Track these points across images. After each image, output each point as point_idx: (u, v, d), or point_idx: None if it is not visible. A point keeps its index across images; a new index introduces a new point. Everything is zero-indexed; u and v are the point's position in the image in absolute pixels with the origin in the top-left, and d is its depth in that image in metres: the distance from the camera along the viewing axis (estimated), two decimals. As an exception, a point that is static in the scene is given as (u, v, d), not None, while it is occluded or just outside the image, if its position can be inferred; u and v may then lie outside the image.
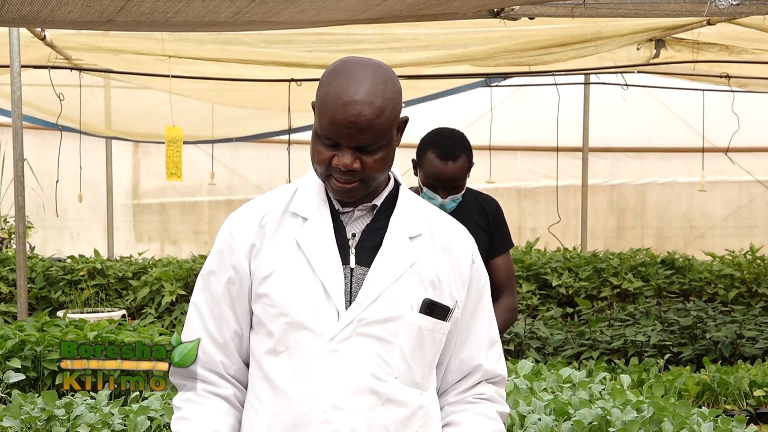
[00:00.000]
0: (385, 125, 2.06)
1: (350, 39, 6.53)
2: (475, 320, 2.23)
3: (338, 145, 2.07)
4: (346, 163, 2.06)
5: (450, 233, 2.23)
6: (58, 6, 4.10)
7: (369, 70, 2.08)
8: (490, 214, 3.95)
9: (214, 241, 2.22)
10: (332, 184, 2.10)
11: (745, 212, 11.23)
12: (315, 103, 2.13)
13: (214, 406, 2.15)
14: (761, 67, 7.49)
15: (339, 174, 2.08)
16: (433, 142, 3.76)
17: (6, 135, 8.99)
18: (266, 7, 4.20)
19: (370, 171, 2.08)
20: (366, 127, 2.04)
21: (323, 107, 2.07)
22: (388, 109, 2.06)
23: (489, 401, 2.24)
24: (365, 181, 2.10)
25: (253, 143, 10.65)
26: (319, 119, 2.09)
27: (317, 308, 2.10)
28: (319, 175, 2.13)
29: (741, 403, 5.06)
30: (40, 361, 4.79)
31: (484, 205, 3.97)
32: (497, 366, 2.26)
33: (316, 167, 2.12)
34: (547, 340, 6.47)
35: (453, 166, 3.71)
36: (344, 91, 2.05)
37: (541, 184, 11.04)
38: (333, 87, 2.07)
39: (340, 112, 2.04)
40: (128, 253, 9.46)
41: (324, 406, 2.08)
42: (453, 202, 3.77)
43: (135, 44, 6.93)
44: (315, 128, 2.12)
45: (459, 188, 3.78)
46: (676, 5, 5.07)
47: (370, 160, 2.08)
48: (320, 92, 2.10)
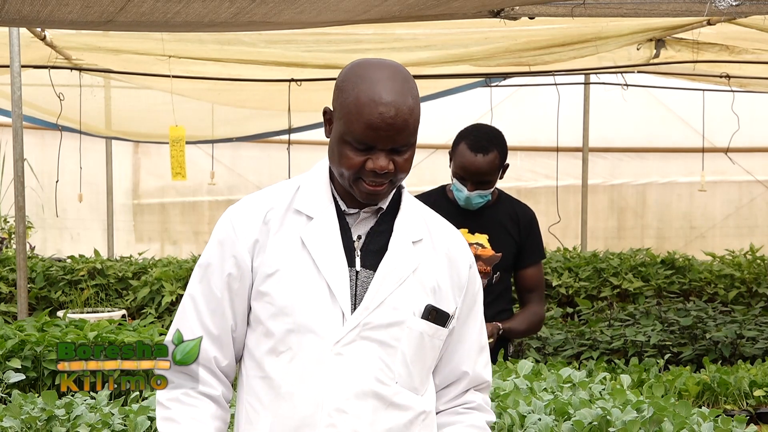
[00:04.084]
0: (416, 123, 2.08)
1: (350, 39, 6.53)
2: (467, 326, 2.23)
3: (371, 149, 2.05)
4: (383, 166, 2.05)
5: (448, 238, 2.23)
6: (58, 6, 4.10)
7: (389, 71, 2.08)
8: (522, 223, 3.93)
9: (213, 232, 2.19)
10: (361, 187, 2.08)
11: (745, 212, 11.22)
12: (335, 110, 2.10)
13: (203, 409, 2.13)
14: (761, 67, 7.48)
15: (372, 177, 2.06)
16: (467, 134, 3.77)
17: (6, 135, 8.99)
18: (266, 7, 4.20)
19: (400, 171, 2.08)
20: (402, 128, 2.04)
21: (354, 113, 2.04)
22: (416, 107, 2.08)
23: (478, 411, 2.26)
24: (394, 182, 2.10)
25: (253, 143, 10.64)
26: (349, 125, 2.05)
27: (322, 310, 2.09)
28: (346, 179, 2.10)
29: (741, 403, 5.06)
30: (40, 361, 4.78)
31: (518, 213, 3.96)
32: (484, 372, 2.28)
33: (343, 172, 2.09)
34: (547, 340, 6.47)
35: (482, 159, 3.70)
36: (376, 94, 2.03)
37: (541, 184, 11.03)
38: (362, 91, 2.04)
39: (376, 115, 2.02)
40: (128, 253, 9.46)
41: (328, 409, 2.07)
42: (480, 198, 3.75)
43: (135, 44, 6.93)
44: (340, 134, 2.07)
45: (487, 184, 3.76)
46: (676, 5, 5.07)
47: (401, 160, 2.08)
48: (346, 98, 2.07)
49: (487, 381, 2.29)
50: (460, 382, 2.25)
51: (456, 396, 2.26)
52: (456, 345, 2.23)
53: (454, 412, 2.26)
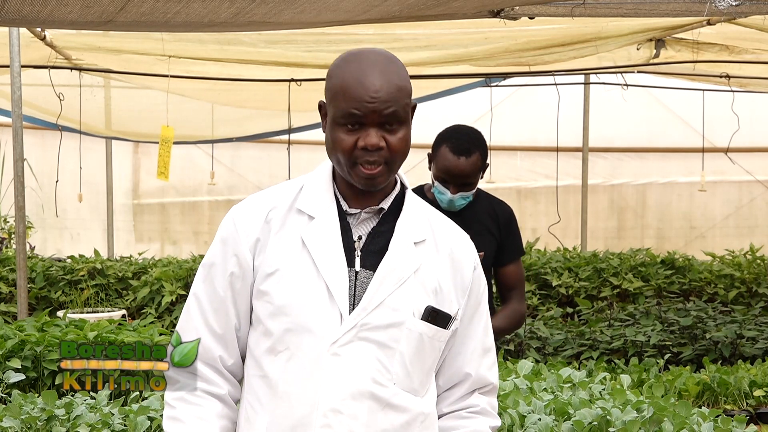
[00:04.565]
0: (403, 100, 2.08)
1: (350, 39, 6.54)
2: (471, 327, 2.22)
3: (361, 127, 2.07)
4: (373, 142, 2.06)
5: (452, 239, 2.22)
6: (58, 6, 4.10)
7: (375, 55, 2.12)
8: (502, 221, 3.94)
9: (217, 231, 2.20)
10: (358, 172, 2.08)
11: (745, 212, 11.22)
12: (326, 98, 2.13)
13: (208, 408, 2.13)
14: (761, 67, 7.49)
15: (366, 156, 2.07)
16: (448, 137, 3.76)
17: (6, 135, 8.99)
18: (266, 7, 4.20)
19: (393, 151, 2.08)
20: (388, 100, 2.06)
21: (340, 93, 2.08)
22: (404, 86, 2.09)
23: (482, 415, 2.24)
24: (389, 164, 2.09)
25: (253, 143, 10.64)
26: (337, 106, 2.08)
27: (320, 310, 2.09)
28: (343, 167, 2.10)
29: (741, 403, 5.06)
30: (40, 361, 4.79)
31: (497, 210, 3.95)
32: (489, 374, 2.25)
33: (339, 158, 2.09)
34: (547, 340, 6.47)
35: (465, 161, 3.70)
36: (361, 72, 2.07)
37: (541, 184, 11.03)
38: (347, 73, 2.08)
39: (361, 90, 2.05)
40: (128, 253, 9.46)
41: (324, 409, 2.07)
42: (463, 200, 3.76)
43: (135, 44, 6.93)
44: (332, 119, 2.10)
45: (470, 185, 3.77)
46: (676, 5, 5.07)
47: (393, 140, 2.08)
48: (332, 83, 2.11)
49: (492, 383, 2.26)
50: (463, 384, 2.23)
51: (460, 398, 2.24)
52: (460, 346, 2.21)
53: (457, 416, 2.24)
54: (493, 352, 2.28)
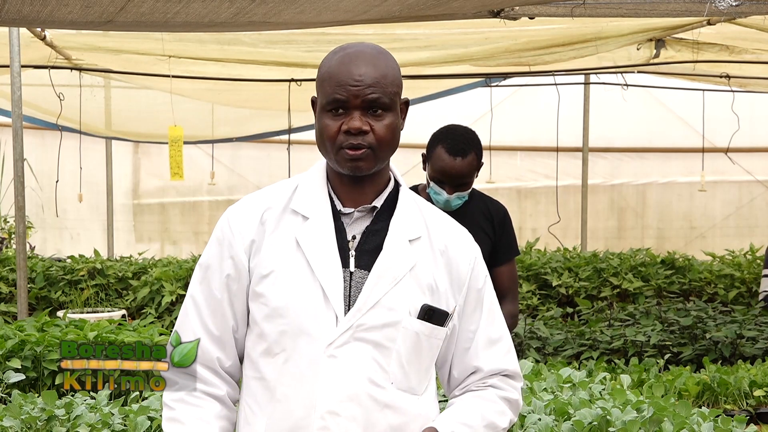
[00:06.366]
0: (389, 86, 2.09)
1: (350, 39, 6.53)
2: (473, 321, 2.21)
3: (346, 111, 2.08)
4: (356, 125, 2.06)
5: (448, 235, 2.21)
6: (58, 6, 4.10)
7: (364, 47, 2.14)
8: (496, 220, 3.93)
9: (213, 232, 2.19)
10: (343, 155, 2.09)
11: (745, 212, 11.23)
12: (316, 90, 2.16)
13: (207, 409, 2.13)
14: (761, 67, 7.49)
15: (350, 140, 2.07)
16: (443, 137, 3.76)
17: (6, 135, 8.99)
18: (266, 7, 4.20)
19: (378, 137, 2.08)
20: (372, 84, 2.07)
21: (327, 80, 2.10)
22: (390, 74, 2.10)
23: (492, 387, 2.22)
24: (374, 149, 2.08)
25: (253, 143, 10.64)
26: (323, 92, 2.11)
27: (316, 312, 2.08)
28: (330, 154, 2.11)
29: (741, 403, 5.06)
30: (40, 361, 4.78)
31: (491, 209, 3.95)
32: (503, 362, 2.23)
33: (326, 144, 2.11)
34: (547, 340, 6.47)
35: (461, 162, 3.70)
36: (348, 59, 2.09)
37: (541, 184, 11.04)
38: (334, 61, 2.11)
39: (346, 74, 2.07)
40: (128, 253, 9.46)
41: (321, 412, 2.06)
42: (459, 200, 3.76)
43: (135, 44, 6.93)
44: (319, 107, 2.13)
45: (466, 185, 3.77)
46: (676, 5, 5.07)
47: (378, 125, 2.08)
48: (320, 73, 2.13)
49: (506, 369, 2.23)
50: (475, 375, 2.23)
51: (473, 382, 2.23)
52: (466, 342, 2.21)
53: (467, 389, 2.23)
54: (505, 341, 2.25)
